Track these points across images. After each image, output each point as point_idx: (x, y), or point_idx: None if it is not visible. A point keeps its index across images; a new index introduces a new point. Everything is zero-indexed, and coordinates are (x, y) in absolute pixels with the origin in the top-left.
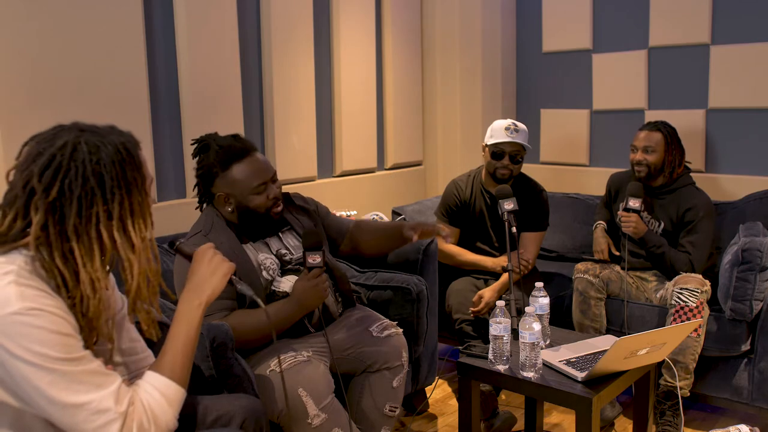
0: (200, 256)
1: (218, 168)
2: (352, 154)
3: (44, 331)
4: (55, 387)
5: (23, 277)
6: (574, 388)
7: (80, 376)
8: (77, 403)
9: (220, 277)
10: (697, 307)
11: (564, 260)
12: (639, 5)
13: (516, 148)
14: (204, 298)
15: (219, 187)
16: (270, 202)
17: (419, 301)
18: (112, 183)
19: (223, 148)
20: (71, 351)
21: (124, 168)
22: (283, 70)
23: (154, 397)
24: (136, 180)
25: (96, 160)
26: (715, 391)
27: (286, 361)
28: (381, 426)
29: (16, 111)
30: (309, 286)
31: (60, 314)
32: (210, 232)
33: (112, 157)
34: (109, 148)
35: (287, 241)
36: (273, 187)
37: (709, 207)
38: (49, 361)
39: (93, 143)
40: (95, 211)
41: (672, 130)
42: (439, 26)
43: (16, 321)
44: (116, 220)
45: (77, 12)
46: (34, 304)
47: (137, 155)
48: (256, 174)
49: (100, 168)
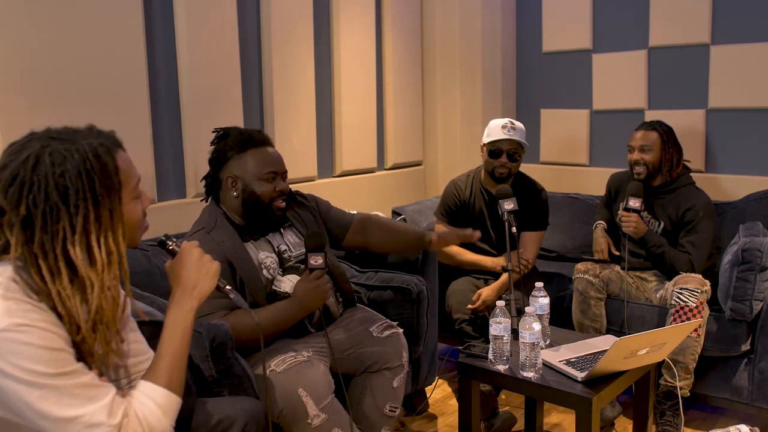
0: (187, 255)
1: (235, 150)
2: (352, 154)
3: (32, 348)
4: (45, 402)
5: (11, 291)
6: (574, 388)
7: (72, 389)
8: (69, 417)
9: (210, 277)
10: (697, 307)
11: (564, 260)
12: (639, 5)
13: (513, 146)
14: (195, 302)
15: (230, 169)
16: (275, 193)
17: (419, 302)
18: (77, 196)
19: (243, 134)
20: (62, 365)
21: (91, 177)
22: (283, 70)
23: (149, 408)
24: (107, 189)
25: (60, 173)
26: (715, 391)
27: (286, 362)
28: (381, 426)
29: (16, 111)
30: (310, 288)
31: (49, 329)
32: (213, 229)
33: (78, 167)
34: (75, 158)
35: (288, 238)
36: (282, 182)
37: (709, 207)
38: (39, 376)
39: (58, 153)
40: (62, 226)
41: (668, 128)
42: (439, 26)
43: (3, 338)
44: (78, 235)
45: (77, 12)
46: (22, 320)
47: (110, 161)
48: (269, 162)
49: (64, 180)
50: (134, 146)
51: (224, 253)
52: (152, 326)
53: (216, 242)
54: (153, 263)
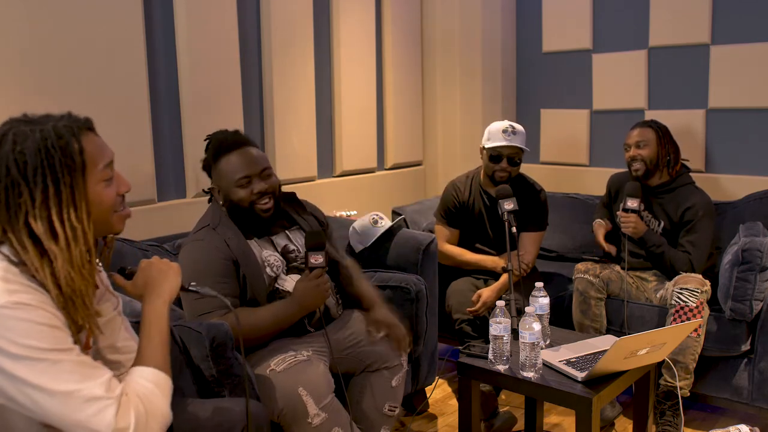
0: (145, 265)
1: (211, 160)
2: (352, 154)
3: (31, 323)
4: (43, 376)
5: (11, 273)
6: (574, 388)
7: (69, 366)
8: (66, 390)
9: (173, 275)
10: (697, 307)
11: (564, 260)
12: (639, 5)
13: (514, 150)
14: (166, 296)
15: (213, 179)
16: (254, 196)
17: (418, 301)
18: (34, 171)
19: (218, 141)
20: (60, 342)
21: (51, 155)
22: (283, 70)
23: (147, 387)
24: (68, 167)
25: (20, 149)
26: (715, 391)
27: (286, 361)
28: (381, 425)
29: (16, 111)
30: (310, 287)
31: (47, 309)
32: (218, 225)
33: (37, 144)
34: (36, 136)
35: (296, 240)
36: (260, 182)
37: (709, 206)
38: (37, 351)
39: (22, 133)
40: (23, 200)
41: (663, 126)
42: (439, 26)
43: (2, 315)
44: (38, 209)
45: (77, 12)
46: (20, 298)
47: (72, 140)
48: (241, 167)
49: (24, 157)
50: (134, 146)
51: (229, 249)
52: None
53: (221, 238)
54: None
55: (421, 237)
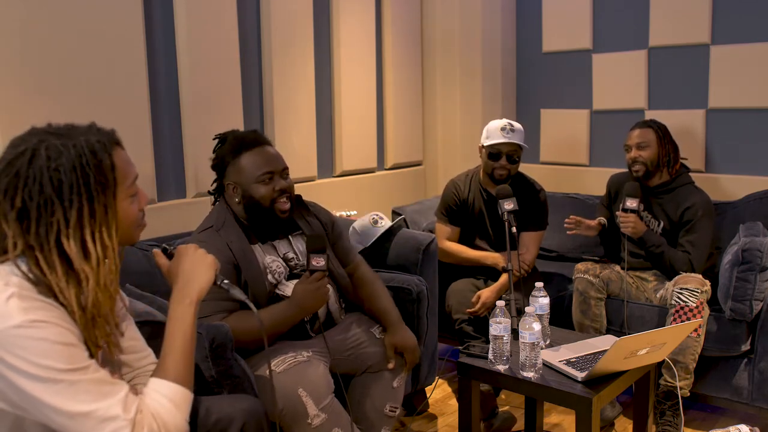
0: (182, 252)
1: (230, 156)
2: (352, 154)
3: (47, 343)
4: (60, 397)
5: (25, 289)
6: (574, 388)
7: (86, 385)
8: (84, 411)
9: (206, 269)
10: (697, 307)
11: (564, 260)
12: (639, 5)
13: (513, 148)
14: (194, 295)
15: (229, 176)
16: (275, 193)
17: (419, 302)
18: (70, 190)
19: (237, 138)
20: (76, 361)
21: (86, 173)
22: (283, 70)
23: (162, 404)
24: (102, 185)
25: (54, 167)
26: (715, 391)
27: (286, 362)
28: (381, 426)
29: (16, 113)
30: (310, 289)
31: (63, 325)
32: (222, 228)
33: (73, 161)
34: (71, 153)
35: (297, 246)
36: (281, 180)
37: (708, 206)
38: (54, 372)
39: (54, 147)
40: (56, 219)
41: (663, 126)
42: (439, 26)
43: (18, 335)
44: (72, 228)
45: (77, 12)
46: (36, 316)
47: (106, 157)
48: (264, 163)
49: (59, 174)
50: (134, 146)
51: (231, 252)
52: (152, 326)
53: (224, 241)
54: (153, 263)
55: (421, 237)
